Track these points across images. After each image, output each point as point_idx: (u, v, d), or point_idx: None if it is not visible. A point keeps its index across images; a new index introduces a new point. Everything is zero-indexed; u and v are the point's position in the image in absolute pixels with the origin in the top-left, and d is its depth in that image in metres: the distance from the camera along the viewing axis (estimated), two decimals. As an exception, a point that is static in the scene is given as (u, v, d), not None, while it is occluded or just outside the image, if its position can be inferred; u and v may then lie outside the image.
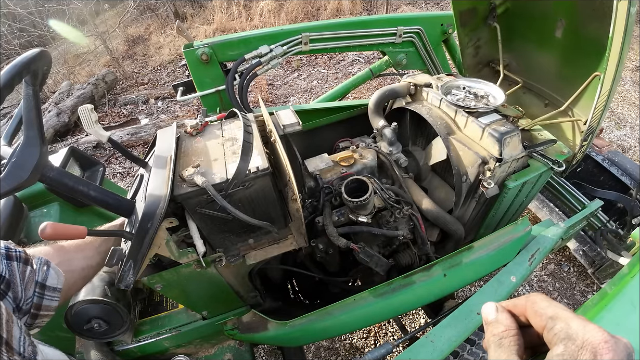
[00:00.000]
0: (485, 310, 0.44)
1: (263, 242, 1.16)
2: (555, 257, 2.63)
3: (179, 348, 1.36)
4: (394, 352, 2.02)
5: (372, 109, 1.54)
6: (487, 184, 1.21)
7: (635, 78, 4.61)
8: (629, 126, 3.82)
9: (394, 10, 6.76)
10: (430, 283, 1.15)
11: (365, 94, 4.62)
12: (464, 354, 1.15)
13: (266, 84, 5.09)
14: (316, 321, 1.11)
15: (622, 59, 1.07)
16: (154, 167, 0.99)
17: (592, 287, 2.42)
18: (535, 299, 0.41)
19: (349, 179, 1.17)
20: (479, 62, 1.84)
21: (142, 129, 4.19)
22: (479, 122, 1.25)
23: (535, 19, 1.50)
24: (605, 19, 1.06)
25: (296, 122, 1.29)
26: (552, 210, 2.21)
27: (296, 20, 6.75)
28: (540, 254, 1.28)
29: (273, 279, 1.51)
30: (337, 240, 1.14)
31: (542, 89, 1.60)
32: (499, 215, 1.42)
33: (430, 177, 1.57)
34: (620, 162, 2.10)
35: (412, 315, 2.33)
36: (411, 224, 1.29)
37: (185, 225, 1.00)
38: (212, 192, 0.86)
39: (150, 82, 5.60)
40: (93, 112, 0.93)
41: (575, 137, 1.40)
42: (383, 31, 2.29)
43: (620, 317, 0.98)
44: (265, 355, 2.16)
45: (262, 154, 0.99)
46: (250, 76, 2.09)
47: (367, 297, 1.12)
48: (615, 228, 2.00)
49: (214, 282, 1.16)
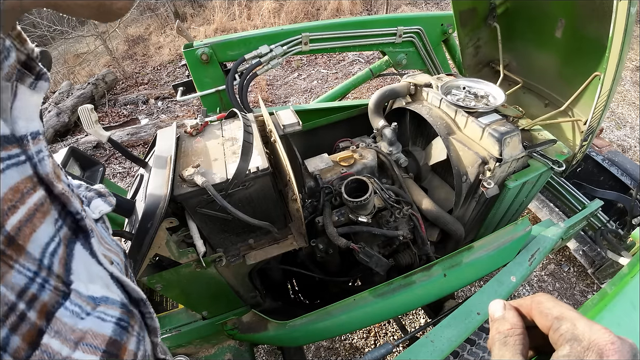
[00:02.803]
0: (493, 307, 0.44)
1: (263, 242, 1.16)
2: (555, 257, 2.63)
3: (179, 348, 1.36)
4: (394, 352, 2.02)
5: (372, 109, 1.54)
6: (487, 184, 1.21)
7: (635, 78, 4.62)
8: (629, 126, 3.82)
9: (394, 10, 6.76)
10: (430, 283, 1.15)
11: (365, 94, 4.62)
12: (464, 354, 1.14)
13: (266, 84, 5.09)
14: (316, 321, 1.11)
15: (622, 59, 1.07)
16: (154, 167, 0.99)
17: (592, 287, 2.42)
18: (541, 299, 0.40)
19: (349, 179, 1.17)
20: (479, 62, 1.84)
21: (142, 129, 4.19)
22: (479, 122, 1.25)
23: (535, 19, 1.50)
24: (605, 19, 1.07)
25: (296, 122, 1.29)
26: (552, 210, 2.21)
27: (296, 20, 6.75)
28: (540, 254, 1.28)
29: (273, 279, 1.51)
30: (337, 240, 1.14)
31: (542, 89, 1.60)
32: (499, 215, 1.42)
33: (430, 177, 1.57)
34: (620, 162, 2.10)
35: (412, 315, 2.33)
36: (411, 224, 1.29)
37: (185, 225, 1.00)
38: (212, 192, 0.86)
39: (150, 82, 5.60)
40: (93, 112, 0.93)
41: (575, 137, 1.40)
42: (383, 31, 2.29)
43: (621, 317, 0.98)
44: (265, 355, 2.16)
45: (262, 154, 0.99)
46: (250, 76, 2.09)
47: (367, 297, 1.12)
48: (615, 228, 2.00)
49: (214, 282, 1.16)
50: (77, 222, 0.34)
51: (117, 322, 0.32)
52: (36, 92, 0.31)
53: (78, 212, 0.34)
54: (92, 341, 0.29)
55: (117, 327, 0.32)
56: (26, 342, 0.24)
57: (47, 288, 0.28)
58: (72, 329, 0.28)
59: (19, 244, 0.27)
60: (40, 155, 0.31)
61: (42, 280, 0.28)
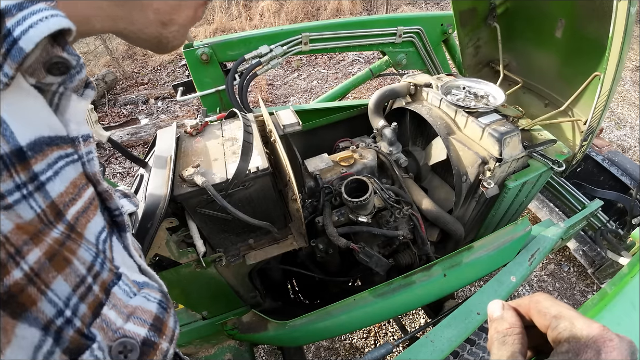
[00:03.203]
0: (491, 307, 0.44)
1: (263, 242, 1.16)
2: (555, 257, 2.63)
3: (179, 348, 1.35)
4: (394, 352, 2.02)
5: (372, 109, 1.54)
6: (487, 184, 1.21)
7: (635, 78, 4.62)
8: (629, 126, 3.82)
9: (394, 10, 6.76)
10: (430, 283, 1.15)
11: (365, 94, 4.62)
12: (464, 354, 1.14)
13: (266, 84, 5.09)
14: (316, 321, 1.11)
15: (622, 59, 1.07)
16: (154, 167, 0.99)
17: (592, 287, 2.43)
18: (539, 299, 0.41)
19: (349, 179, 1.17)
20: (479, 62, 1.84)
21: (142, 129, 4.18)
22: (479, 122, 1.25)
23: (535, 19, 1.50)
24: (605, 19, 1.07)
25: (296, 122, 1.29)
26: (552, 210, 2.21)
27: (296, 20, 6.75)
28: (540, 254, 1.28)
29: (273, 279, 1.51)
30: (337, 240, 1.14)
31: (542, 89, 1.60)
32: (499, 215, 1.42)
33: (430, 177, 1.57)
34: (620, 162, 2.10)
35: (412, 315, 2.33)
36: (411, 224, 1.29)
37: (185, 225, 1.00)
38: (212, 192, 0.86)
39: (150, 82, 5.60)
40: (93, 112, 0.93)
41: (575, 137, 1.40)
42: (383, 31, 2.29)
43: (620, 317, 0.98)
44: (265, 355, 2.16)
45: (262, 154, 0.99)
46: (250, 76, 2.09)
47: (367, 297, 1.12)
48: (615, 228, 2.00)
49: (214, 282, 1.15)
50: (113, 218, 0.39)
51: (159, 303, 0.37)
52: (83, 98, 0.35)
53: (117, 209, 0.39)
54: (142, 315, 0.33)
55: (159, 306, 0.36)
56: (90, 311, 0.28)
57: (105, 268, 0.32)
58: (125, 305, 0.32)
59: (78, 232, 0.31)
60: (90, 156, 0.35)
61: (101, 260, 0.32)
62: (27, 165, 0.26)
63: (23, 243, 0.23)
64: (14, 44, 0.25)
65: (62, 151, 0.30)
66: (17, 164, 0.25)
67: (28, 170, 0.26)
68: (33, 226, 0.25)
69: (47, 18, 0.26)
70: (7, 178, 0.24)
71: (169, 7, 0.37)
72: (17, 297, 0.22)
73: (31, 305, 0.23)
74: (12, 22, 0.25)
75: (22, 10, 0.25)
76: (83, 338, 0.27)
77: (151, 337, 0.33)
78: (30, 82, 0.28)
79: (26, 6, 0.26)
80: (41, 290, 0.24)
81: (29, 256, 0.23)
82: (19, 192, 0.25)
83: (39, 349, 0.23)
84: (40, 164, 0.27)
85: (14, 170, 0.25)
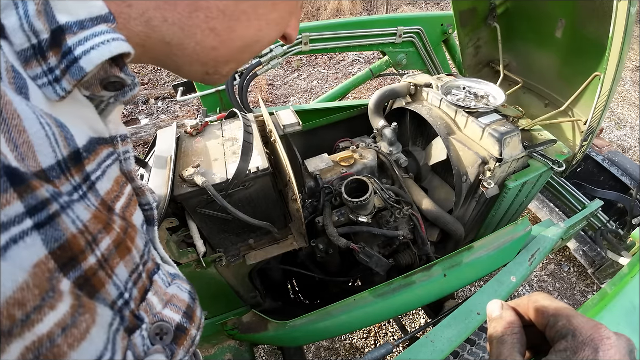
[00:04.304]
0: (490, 307, 0.45)
1: (263, 242, 1.16)
2: (555, 257, 2.63)
3: (179, 348, 1.36)
4: (394, 352, 2.02)
5: (372, 109, 1.54)
6: (487, 184, 1.21)
7: (635, 78, 4.62)
8: (629, 126, 3.82)
9: (394, 10, 6.76)
10: (430, 283, 1.15)
11: (365, 94, 4.62)
12: (464, 354, 1.15)
13: (266, 84, 5.08)
14: (316, 321, 1.11)
15: (622, 59, 1.07)
16: (154, 167, 0.99)
17: (592, 287, 2.43)
18: (538, 298, 0.41)
19: (349, 179, 1.17)
20: (479, 62, 1.84)
21: (142, 129, 4.18)
22: (479, 122, 1.25)
23: (535, 19, 1.50)
24: (605, 19, 1.07)
25: (296, 122, 1.29)
26: (552, 210, 2.21)
27: (296, 20, 6.74)
28: (540, 254, 1.28)
29: (273, 279, 1.51)
30: (337, 240, 1.14)
31: (542, 89, 1.60)
32: (499, 215, 1.42)
33: (430, 177, 1.57)
34: (620, 162, 2.10)
35: (412, 315, 2.33)
36: (411, 224, 1.29)
37: (185, 225, 1.00)
38: (212, 192, 0.86)
39: (150, 82, 5.60)
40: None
41: (575, 137, 1.40)
42: (383, 31, 2.29)
43: (621, 317, 0.98)
44: (265, 355, 2.16)
45: (262, 154, 0.99)
46: (250, 76, 2.08)
47: (367, 297, 1.12)
48: (615, 228, 2.00)
49: (214, 282, 1.15)
50: (144, 212, 0.41)
51: (189, 293, 0.39)
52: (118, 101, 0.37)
53: (149, 204, 0.41)
54: (177, 303, 0.36)
55: (190, 296, 0.39)
56: (140, 295, 0.31)
57: (149, 257, 0.35)
58: (164, 292, 0.35)
59: (132, 224, 0.33)
60: (127, 155, 0.37)
61: (148, 249, 0.35)
62: (81, 167, 0.28)
63: (98, 231, 0.26)
64: (74, 62, 0.26)
65: (106, 151, 0.32)
66: (72, 167, 0.27)
67: (82, 171, 0.28)
68: (105, 216, 0.28)
69: (108, 41, 0.27)
70: (64, 181, 0.26)
71: (215, 63, 0.40)
72: (91, 279, 0.24)
73: (100, 288, 0.25)
74: (74, 41, 0.26)
75: (84, 30, 0.26)
76: (135, 319, 0.30)
77: (184, 323, 0.35)
78: (83, 94, 0.30)
79: (87, 26, 0.27)
80: (108, 274, 0.26)
81: (101, 243, 0.26)
82: (76, 193, 0.27)
83: (111, 327, 0.26)
84: (92, 164, 0.29)
85: (69, 174, 0.26)
